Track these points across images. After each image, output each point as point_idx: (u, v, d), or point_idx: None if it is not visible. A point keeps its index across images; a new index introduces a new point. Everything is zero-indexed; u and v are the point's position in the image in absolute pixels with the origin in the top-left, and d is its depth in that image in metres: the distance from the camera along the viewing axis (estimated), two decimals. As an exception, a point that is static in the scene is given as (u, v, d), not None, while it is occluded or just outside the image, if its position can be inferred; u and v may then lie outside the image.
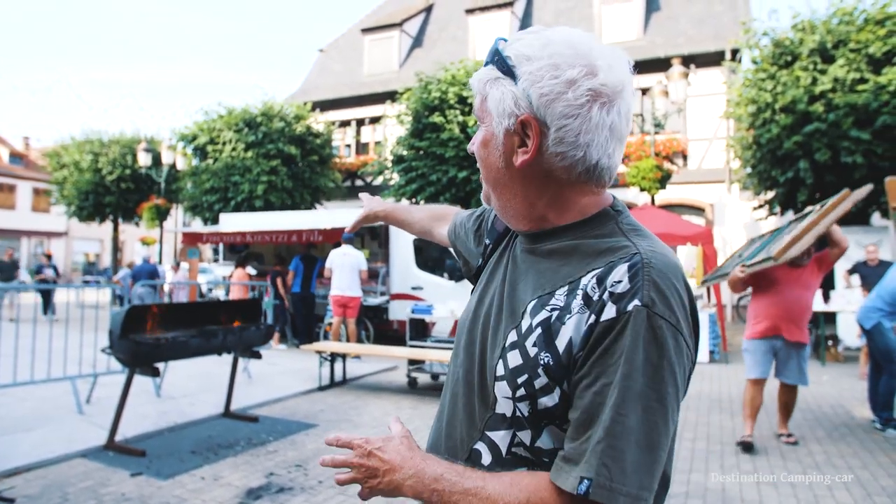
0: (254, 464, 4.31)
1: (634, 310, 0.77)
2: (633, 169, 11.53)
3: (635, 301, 0.78)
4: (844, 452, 4.74)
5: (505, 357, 0.88)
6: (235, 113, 16.09)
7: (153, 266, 13.82)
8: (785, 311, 4.80)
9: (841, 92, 9.51)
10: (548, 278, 0.90)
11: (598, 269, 0.84)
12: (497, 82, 0.90)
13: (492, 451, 0.91)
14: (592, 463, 0.75)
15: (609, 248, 0.86)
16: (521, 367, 0.85)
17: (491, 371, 0.91)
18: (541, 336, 0.84)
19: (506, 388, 0.87)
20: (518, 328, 0.88)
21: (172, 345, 4.72)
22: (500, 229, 1.13)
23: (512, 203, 0.95)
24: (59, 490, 3.72)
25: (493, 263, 1.07)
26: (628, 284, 0.79)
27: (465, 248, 1.30)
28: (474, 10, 19.14)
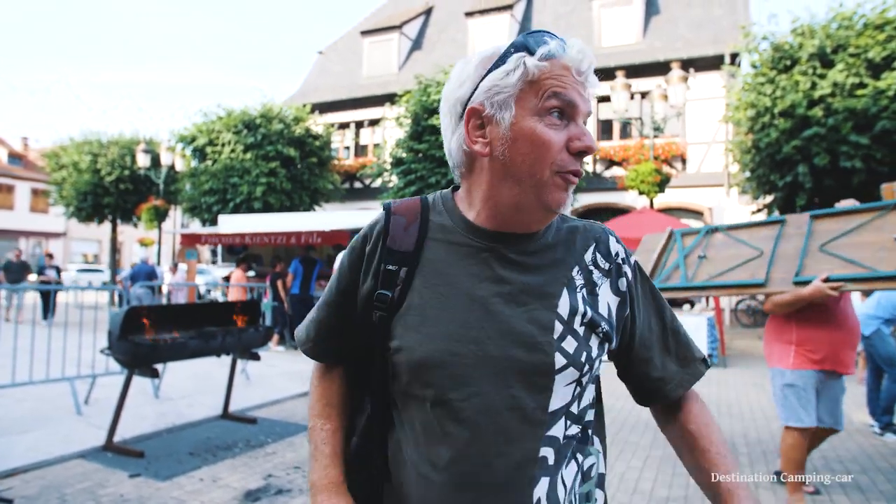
0: (252, 465, 4.31)
1: (637, 264, 1.09)
2: (632, 172, 11.55)
3: (632, 259, 1.08)
4: (843, 457, 4.74)
5: (560, 348, 0.93)
6: (234, 114, 16.09)
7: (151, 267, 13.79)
8: (849, 336, 3.67)
9: (840, 96, 9.54)
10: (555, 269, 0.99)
11: (590, 247, 1.04)
12: None
13: (553, 447, 0.95)
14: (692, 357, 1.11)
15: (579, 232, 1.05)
16: (579, 348, 0.95)
17: (546, 369, 0.92)
18: (589, 313, 0.97)
19: (572, 373, 0.94)
20: (559, 317, 0.95)
21: (171, 346, 4.71)
22: (404, 249, 0.99)
23: None
24: (58, 491, 3.71)
25: (439, 283, 0.96)
26: (623, 251, 1.07)
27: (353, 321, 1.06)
28: (474, 13, 19.18)
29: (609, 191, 16.19)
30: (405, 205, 1.05)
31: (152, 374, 4.67)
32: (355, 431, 1.09)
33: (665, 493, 3.93)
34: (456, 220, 1.01)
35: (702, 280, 3.82)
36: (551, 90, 0.90)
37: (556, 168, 0.91)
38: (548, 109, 0.90)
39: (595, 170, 16.53)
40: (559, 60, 0.90)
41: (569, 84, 0.90)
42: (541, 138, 0.90)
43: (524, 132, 0.91)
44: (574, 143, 0.91)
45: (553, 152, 0.91)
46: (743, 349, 10.86)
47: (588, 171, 16.21)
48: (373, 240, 1.03)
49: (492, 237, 0.97)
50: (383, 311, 0.98)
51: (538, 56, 0.90)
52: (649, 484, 4.10)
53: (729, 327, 14.11)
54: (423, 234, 1.00)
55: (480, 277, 0.96)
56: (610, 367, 1.08)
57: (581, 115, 0.92)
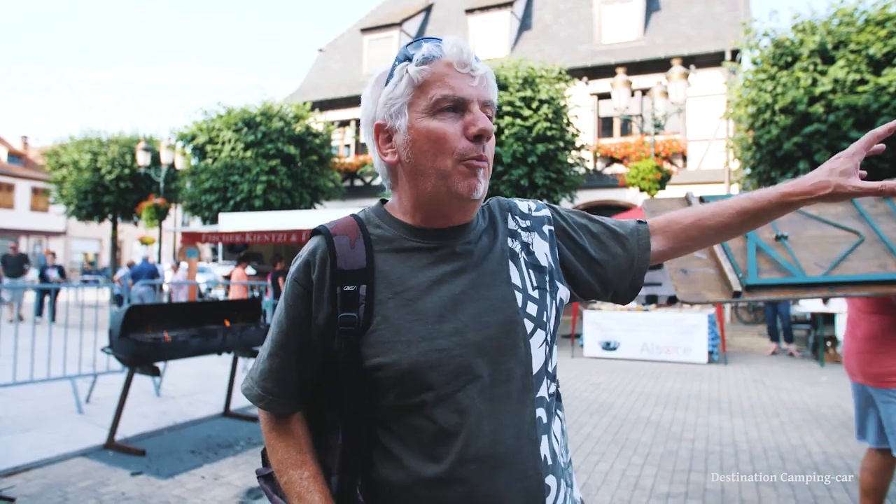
0: (254, 463, 4.31)
1: (547, 205, 1.18)
2: (633, 169, 11.54)
3: (541, 203, 1.18)
4: (843, 453, 4.74)
5: (526, 314, 1.01)
6: (235, 112, 16.07)
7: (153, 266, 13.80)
8: None
9: (841, 93, 9.52)
10: (496, 246, 1.06)
11: (507, 215, 1.12)
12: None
13: (542, 406, 1.03)
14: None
15: (494, 208, 1.14)
16: (539, 309, 1.04)
17: (522, 336, 1.00)
18: (531, 276, 1.06)
19: (540, 333, 1.02)
20: (516, 287, 1.03)
21: (172, 344, 4.72)
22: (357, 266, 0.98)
23: None
24: (59, 489, 3.72)
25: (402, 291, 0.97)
26: (532, 203, 1.17)
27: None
28: (474, 10, 19.14)
29: (610, 188, 16.17)
30: (342, 224, 1.03)
31: (153, 373, 4.68)
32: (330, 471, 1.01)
33: (665, 490, 3.94)
34: (397, 228, 1.03)
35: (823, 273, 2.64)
36: (437, 88, 0.95)
37: (458, 157, 0.96)
38: (438, 107, 0.95)
39: (596, 167, 16.51)
40: (439, 60, 0.96)
41: (452, 78, 0.96)
42: (435, 133, 0.95)
43: (420, 132, 0.96)
44: (469, 130, 0.95)
45: (451, 143, 0.95)
46: (744, 346, 10.86)
47: (589, 168, 16.19)
48: (318, 266, 0.99)
49: (436, 235, 1.02)
50: (351, 334, 0.95)
51: (415, 62, 0.96)
52: (650, 481, 4.11)
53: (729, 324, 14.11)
54: (370, 249, 1.00)
55: (439, 275, 0.99)
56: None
57: (474, 102, 0.96)
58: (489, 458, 0.93)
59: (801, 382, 7.76)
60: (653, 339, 9.51)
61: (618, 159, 16.14)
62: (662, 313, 9.73)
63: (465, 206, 1.00)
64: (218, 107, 16.52)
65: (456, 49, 0.96)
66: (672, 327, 9.47)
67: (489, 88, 0.99)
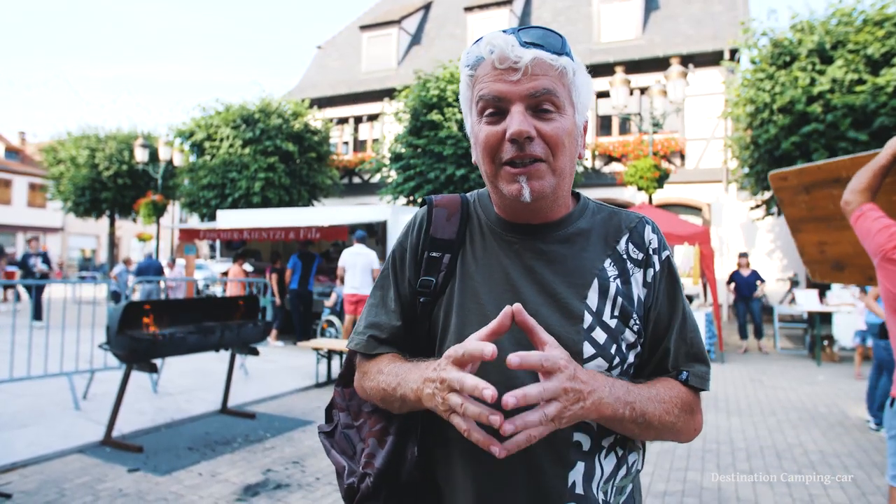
0: (251, 460, 4.31)
1: (667, 257, 1.05)
2: (631, 168, 11.53)
3: (666, 251, 1.05)
4: (840, 452, 4.76)
5: (590, 338, 0.95)
6: (233, 109, 16.04)
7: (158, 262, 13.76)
8: None
9: (839, 93, 9.54)
10: (586, 258, 1.00)
11: (624, 236, 1.03)
12: (579, 76, 0.97)
13: (587, 434, 0.96)
14: (686, 361, 1.04)
15: (613, 221, 1.05)
16: (609, 339, 0.96)
17: (577, 358, 0.92)
18: (621, 304, 0.98)
19: (601, 363, 0.95)
20: (589, 309, 0.96)
21: (170, 341, 4.71)
22: (447, 236, 1.06)
23: (561, 192, 1.01)
24: (56, 485, 3.72)
25: (485, 268, 1.01)
26: (657, 240, 1.05)
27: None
28: (473, 8, 19.12)
29: (608, 186, 16.17)
30: (446, 199, 1.11)
31: (151, 369, 4.67)
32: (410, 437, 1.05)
33: (662, 488, 3.95)
34: (490, 215, 1.07)
35: None
36: (478, 93, 0.96)
37: (500, 160, 0.95)
38: (483, 111, 0.95)
39: (594, 165, 16.52)
40: (485, 61, 0.94)
41: (491, 80, 0.93)
42: (479, 137, 0.96)
43: (475, 136, 0.98)
44: (506, 133, 0.93)
45: (492, 146, 0.95)
46: (741, 345, 10.88)
47: (587, 166, 16.20)
48: (415, 231, 1.09)
49: (520, 229, 1.02)
50: (427, 297, 1.03)
51: (463, 65, 0.98)
52: (647, 479, 4.12)
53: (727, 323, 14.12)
54: (464, 225, 1.07)
55: (513, 268, 1.00)
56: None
57: (514, 101, 0.92)
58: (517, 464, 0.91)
59: (798, 381, 7.79)
60: (650, 338, 9.50)
61: (616, 158, 16.14)
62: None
63: (524, 207, 0.98)
64: (216, 103, 16.50)
65: (489, 47, 0.92)
66: (669, 326, 9.46)
67: (539, 77, 0.91)
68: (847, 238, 2.61)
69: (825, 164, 2.61)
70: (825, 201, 2.66)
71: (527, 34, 0.93)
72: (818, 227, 2.75)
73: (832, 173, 2.58)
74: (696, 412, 1.04)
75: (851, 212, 2.20)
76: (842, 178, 2.51)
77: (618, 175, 15.47)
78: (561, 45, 0.94)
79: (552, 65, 0.92)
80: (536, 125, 0.92)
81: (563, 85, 0.94)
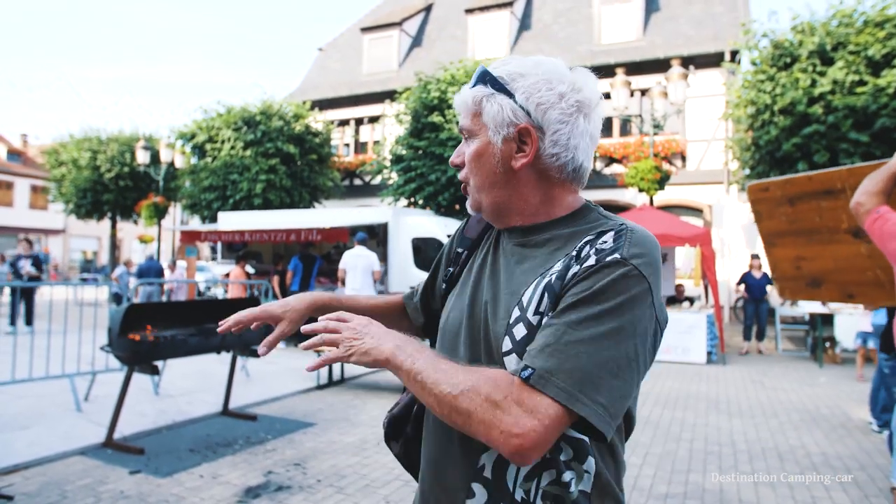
0: (252, 462, 4.31)
1: (612, 260, 0.90)
2: (632, 170, 11.54)
3: (615, 255, 0.90)
4: (842, 454, 4.75)
5: (511, 332, 0.95)
6: (234, 111, 16.07)
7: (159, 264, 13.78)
8: None
9: (840, 94, 9.53)
10: (547, 260, 1.00)
11: (587, 237, 0.97)
12: (492, 98, 1.02)
13: None
14: (540, 359, 0.86)
15: (594, 226, 1.01)
16: (527, 336, 0.94)
17: (498, 350, 0.97)
18: (546, 301, 0.94)
19: (515, 360, 0.94)
20: (520, 304, 0.97)
21: (171, 343, 4.71)
22: (472, 236, 1.21)
23: (509, 202, 1.05)
24: (58, 487, 3.72)
25: (476, 266, 1.14)
26: (612, 244, 0.92)
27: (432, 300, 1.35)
28: (474, 10, 19.14)
29: (609, 188, 16.17)
30: None
31: (152, 371, 4.67)
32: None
33: (664, 490, 3.94)
34: None
35: None
36: None
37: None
38: None
39: (595, 167, 16.50)
40: None
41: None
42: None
43: None
44: None
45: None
46: (741, 346, 10.87)
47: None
48: (458, 229, 1.28)
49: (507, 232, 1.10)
50: (446, 284, 1.21)
51: None
52: (648, 481, 4.11)
53: (728, 324, 14.11)
54: (487, 228, 1.19)
55: (488, 266, 1.10)
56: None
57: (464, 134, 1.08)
58: (447, 434, 1.02)
59: (799, 383, 7.78)
60: (651, 340, 9.49)
61: (617, 159, 16.15)
62: (661, 313, 9.73)
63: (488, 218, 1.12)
64: (218, 105, 16.54)
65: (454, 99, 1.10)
66: (671, 327, 9.46)
67: (462, 116, 1.07)
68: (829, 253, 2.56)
69: (817, 175, 2.53)
70: (810, 214, 2.58)
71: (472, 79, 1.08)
72: (797, 242, 2.68)
73: (825, 184, 2.52)
74: (511, 409, 0.84)
75: (866, 213, 2.14)
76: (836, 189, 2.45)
77: (619, 177, 15.48)
78: (476, 78, 1.05)
79: (466, 102, 1.05)
80: (465, 153, 1.08)
81: (474, 115, 1.05)
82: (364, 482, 3.97)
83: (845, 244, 2.50)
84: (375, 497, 3.72)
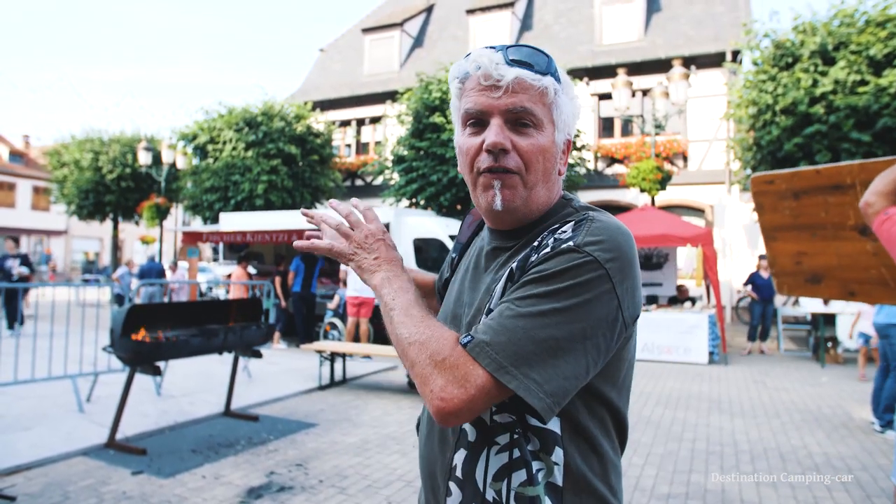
0: (254, 463, 4.32)
1: (566, 247, 0.89)
2: (634, 170, 11.54)
3: (569, 242, 0.89)
4: (844, 454, 4.75)
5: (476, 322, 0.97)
6: (236, 112, 16.08)
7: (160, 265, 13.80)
8: None
9: (842, 94, 9.52)
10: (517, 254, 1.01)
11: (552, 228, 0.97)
12: (561, 95, 0.99)
13: (476, 426, 0.97)
14: (480, 330, 0.88)
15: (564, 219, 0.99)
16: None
17: None
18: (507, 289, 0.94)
19: None
20: (486, 295, 1.00)
21: (173, 344, 4.72)
22: (462, 241, 1.24)
23: (537, 203, 1.01)
24: (60, 488, 3.73)
25: (462, 270, 1.17)
26: (571, 233, 0.92)
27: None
28: (475, 11, 19.14)
29: (610, 188, 16.16)
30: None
31: (154, 372, 4.68)
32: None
33: (666, 490, 3.94)
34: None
35: None
36: (463, 106, 1.00)
37: (477, 170, 0.99)
38: (466, 122, 1.00)
39: (596, 167, 16.51)
40: (472, 76, 0.98)
41: (475, 94, 0.97)
42: (462, 147, 1.01)
43: (458, 146, 1.03)
44: (483, 144, 0.97)
45: (471, 156, 0.99)
46: (744, 346, 10.86)
47: (589, 168, 16.18)
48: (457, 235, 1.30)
49: (490, 234, 1.10)
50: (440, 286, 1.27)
51: (453, 77, 1.02)
52: (650, 481, 4.11)
53: (730, 325, 14.10)
54: (476, 232, 1.21)
55: (472, 267, 1.12)
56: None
57: (494, 114, 0.96)
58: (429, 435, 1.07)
59: (801, 383, 7.77)
60: (653, 340, 9.51)
61: (618, 160, 16.14)
62: (663, 313, 9.74)
63: (496, 216, 1.02)
64: (219, 106, 16.54)
65: (476, 63, 0.96)
66: (672, 327, 9.47)
67: (518, 94, 0.94)
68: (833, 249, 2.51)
69: (826, 169, 2.47)
70: (815, 209, 2.53)
71: (515, 52, 0.96)
72: (799, 237, 2.63)
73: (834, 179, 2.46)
74: (444, 372, 0.85)
75: (875, 214, 2.07)
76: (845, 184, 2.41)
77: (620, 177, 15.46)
78: (546, 64, 0.97)
79: (533, 84, 0.95)
80: (513, 139, 0.96)
81: (543, 104, 0.97)
82: (366, 483, 3.97)
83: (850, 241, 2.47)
84: (377, 498, 3.73)
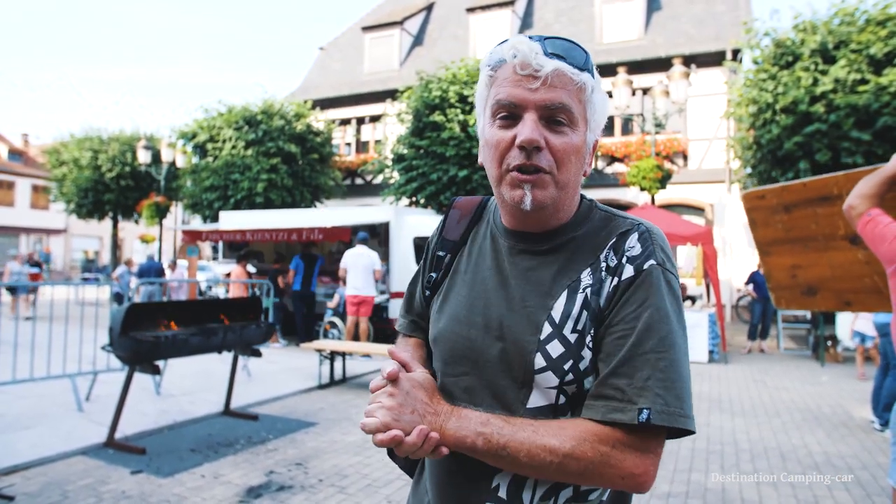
0: (254, 462, 4.31)
1: (650, 268, 0.91)
2: (634, 169, 11.52)
3: (650, 261, 0.91)
4: (844, 453, 4.74)
5: (543, 349, 0.91)
6: (236, 111, 16.06)
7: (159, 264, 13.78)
8: None
9: (842, 93, 9.51)
10: (566, 268, 0.96)
11: (609, 242, 0.95)
12: (596, 93, 0.95)
13: None
14: (648, 396, 0.85)
15: (607, 227, 0.97)
16: (565, 354, 0.91)
17: (527, 367, 0.92)
18: (585, 317, 0.91)
19: (551, 377, 0.91)
20: (551, 320, 0.92)
21: (172, 342, 4.71)
22: (454, 238, 1.12)
23: (563, 204, 0.97)
24: (59, 488, 3.72)
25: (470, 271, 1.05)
26: (640, 248, 0.92)
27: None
28: (475, 9, 19.12)
29: (610, 187, 16.16)
30: (465, 201, 1.17)
31: (153, 371, 4.67)
32: None
33: (666, 489, 3.93)
34: (497, 219, 1.07)
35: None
36: (494, 95, 0.94)
37: (506, 166, 0.93)
38: (496, 113, 0.94)
39: (596, 166, 16.50)
40: (506, 64, 0.92)
41: (509, 84, 0.91)
42: (490, 140, 0.95)
43: (484, 137, 0.97)
44: (516, 139, 0.91)
45: (500, 150, 0.93)
46: (744, 345, 10.86)
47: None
48: (436, 230, 1.18)
49: (515, 236, 1.01)
50: (429, 290, 1.13)
51: (484, 64, 0.96)
52: (650, 480, 4.10)
53: (730, 323, 14.10)
54: (472, 228, 1.12)
55: (495, 273, 1.01)
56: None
57: (529, 109, 0.90)
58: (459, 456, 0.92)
59: (801, 382, 7.76)
60: (653, 339, 9.47)
61: (619, 158, 16.14)
62: (663, 313, 9.71)
63: (523, 215, 0.96)
64: (219, 105, 16.54)
65: (514, 51, 0.91)
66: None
67: (557, 89, 0.90)
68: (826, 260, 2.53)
69: (812, 182, 2.50)
70: (806, 221, 2.56)
71: (552, 44, 0.91)
72: (793, 250, 2.65)
73: (820, 191, 2.48)
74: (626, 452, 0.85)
75: (858, 216, 2.14)
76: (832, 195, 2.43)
77: (620, 176, 15.46)
78: (584, 60, 0.93)
79: (572, 79, 0.91)
80: (547, 136, 0.91)
81: (579, 101, 0.92)
82: (366, 482, 3.96)
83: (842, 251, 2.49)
84: (377, 497, 3.72)
